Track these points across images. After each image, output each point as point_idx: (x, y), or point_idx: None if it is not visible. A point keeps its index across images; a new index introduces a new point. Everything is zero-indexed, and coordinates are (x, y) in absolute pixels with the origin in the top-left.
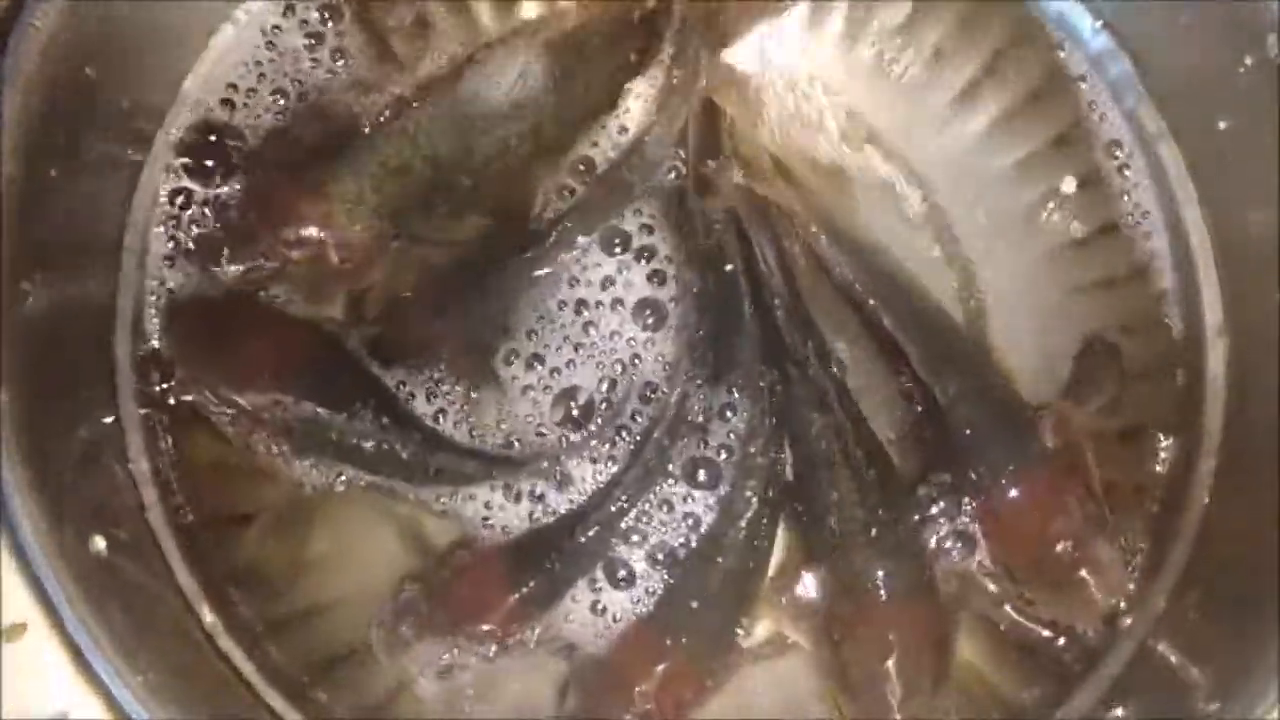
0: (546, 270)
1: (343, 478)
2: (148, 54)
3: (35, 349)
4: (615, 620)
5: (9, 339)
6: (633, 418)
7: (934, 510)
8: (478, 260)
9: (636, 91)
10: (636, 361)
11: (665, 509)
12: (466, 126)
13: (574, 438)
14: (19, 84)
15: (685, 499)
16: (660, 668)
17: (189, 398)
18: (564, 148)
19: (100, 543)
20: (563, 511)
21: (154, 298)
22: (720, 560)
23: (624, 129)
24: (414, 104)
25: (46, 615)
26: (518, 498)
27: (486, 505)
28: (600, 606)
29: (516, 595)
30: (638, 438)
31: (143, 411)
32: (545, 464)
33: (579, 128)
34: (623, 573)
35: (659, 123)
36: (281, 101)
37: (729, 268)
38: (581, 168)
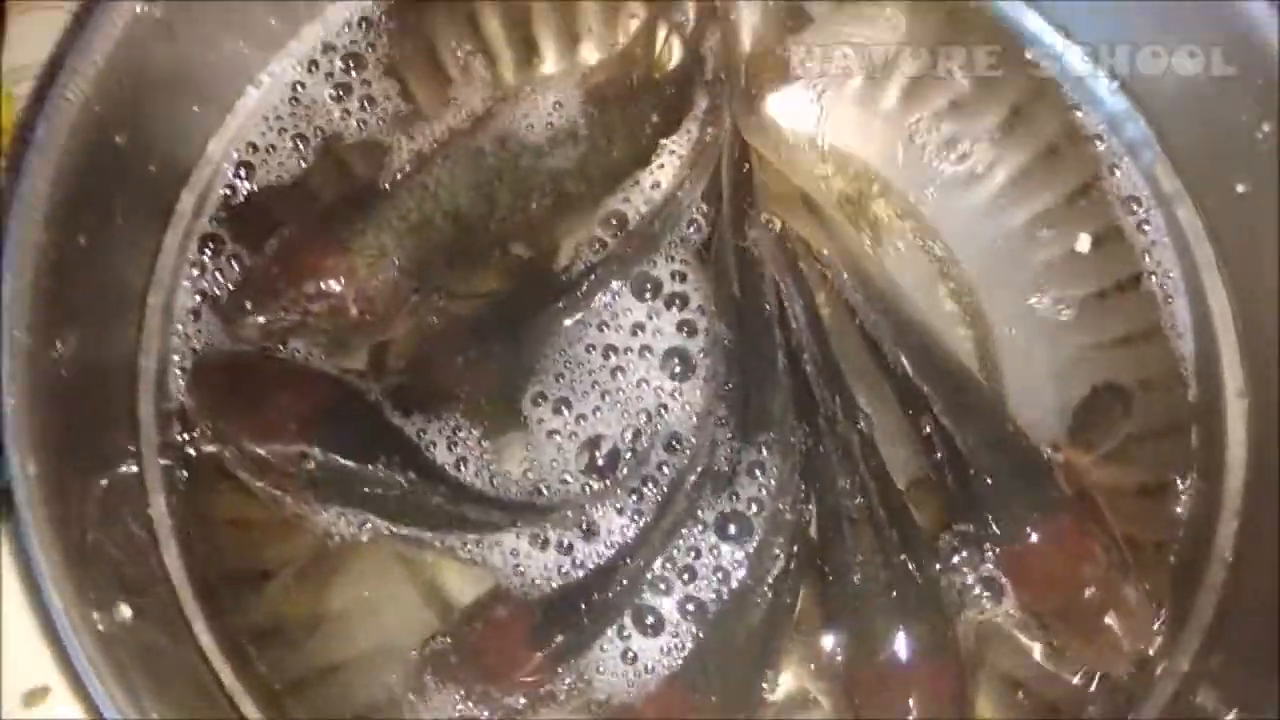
0: (577, 317)
1: (368, 526)
2: (176, 119)
3: (59, 414)
4: (647, 670)
5: (33, 410)
6: (659, 468)
7: (956, 560)
8: (503, 311)
9: (670, 148)
10: (663, 411)
11: (694, 556)
12: (486, 181)
13: (598, 486)
14: (52, 155)
15: (713, 550)
16: None
17: (212, 449)
18: (595, 200)
19: (126, 610)
20: (590, 564)
21: (178, 356)
22: (748, 616)
23: (657, 184)
24: (435, 158)
25: (69, 680)
26: (544, 546)
27: (514, 553)
28: (630, 654)
29: (546, 650)
30: (665, 489)
31: (164, 463)
32: (570, 513)
33: (609, 182)
34: (651, 619)
35: (690, 178)
36: (303, 156)
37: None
38: (613, 222)
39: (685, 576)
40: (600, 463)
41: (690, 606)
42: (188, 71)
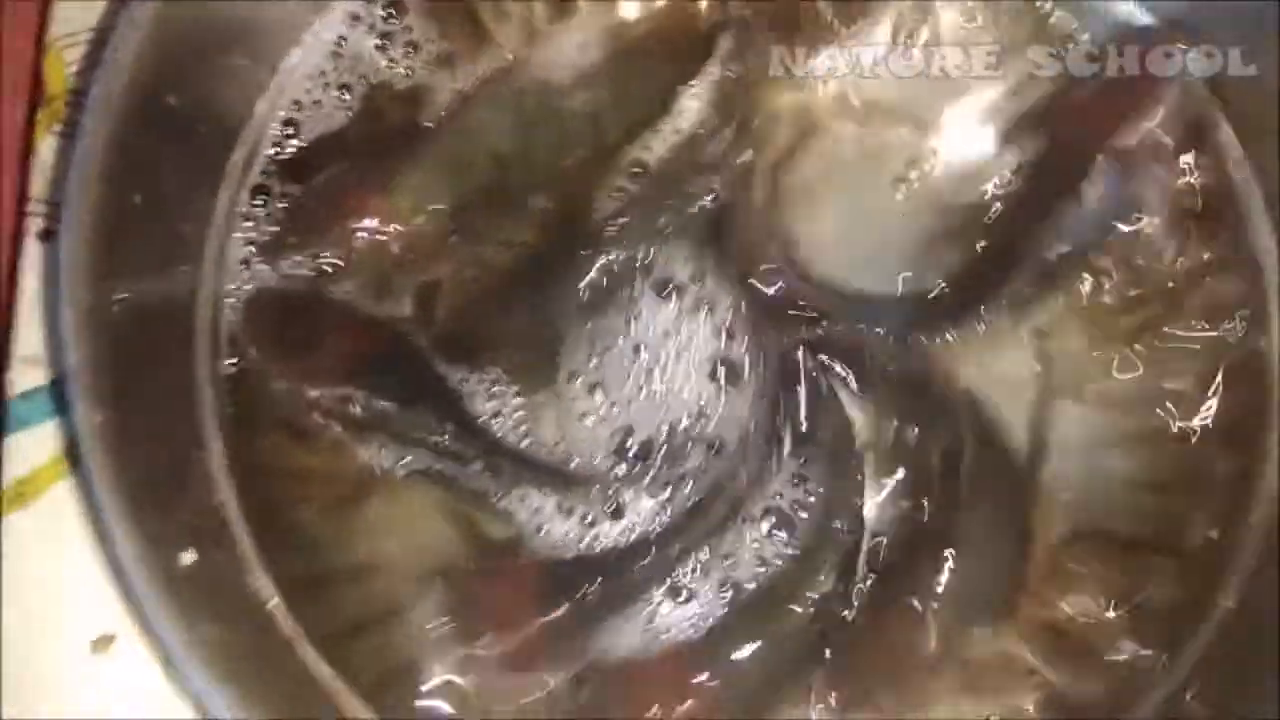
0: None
1: (407, 461)
2: (225, 78)
3: (120, 366)
4: (666, 636)
5: (97, 363)
6: (699, 469)
7: None
8: (540, 259)
9: (693, 91)
10: (704, 416)
11: (737, 544)
12: (527, 123)
13: (629, 471)
14: (105, 116)
15: (756, 543)
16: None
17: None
18: (618, 148)
19: (189, 555)
20: (612, 544)
21: (231, 301)
22: (781, 618)
23: (678, 130)
24: (477, 99)
25: (139, 625)
26: (569, 513)
27: (538, 511)
28: (653, 620)
29: (547, 618)
30: (702, 491)
31: (219, 408)
32: (599, 488)
33: (635, 129)
34: (684, 595)
35: (709, 120)
36: (348, 108)
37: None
38: (635, 170)
39: (728, 561)
40: (632, 451)
41: (728, 586)
42: (235, 32)
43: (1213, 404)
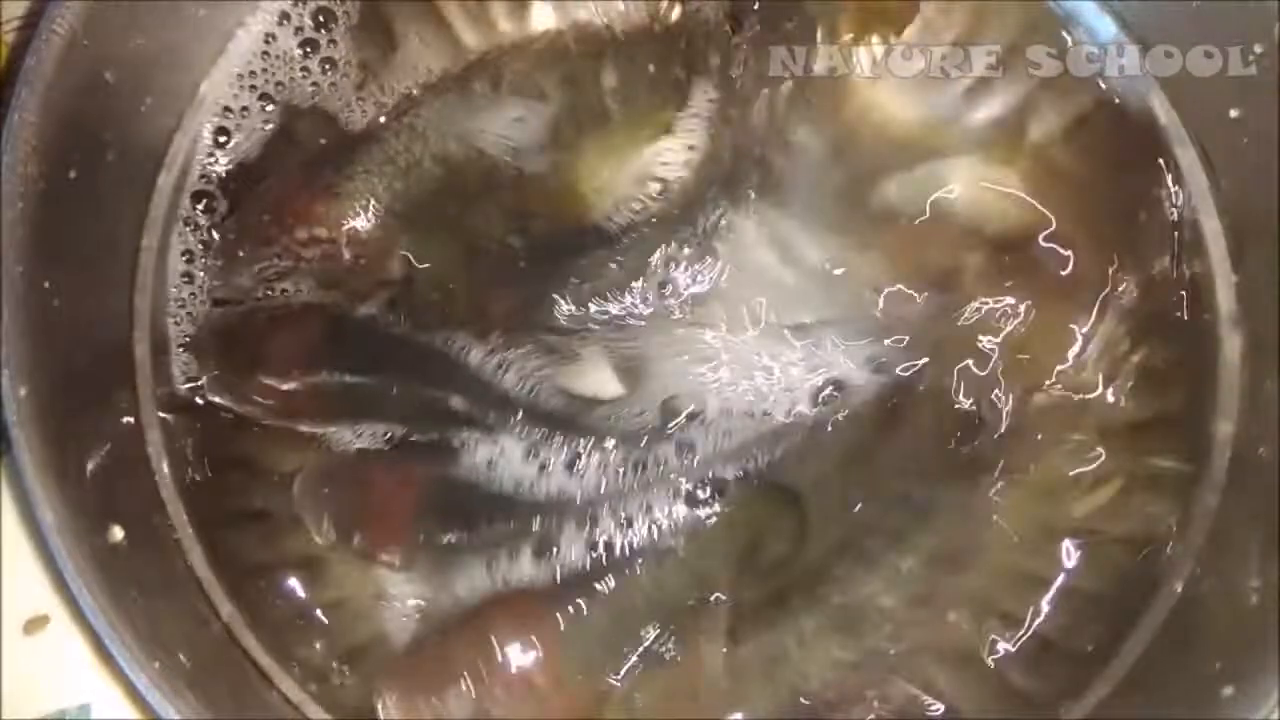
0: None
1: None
2: (167, 58)
3: (53, 345)
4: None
5: (25, 335)
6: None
7: None
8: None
9: (694, 109)
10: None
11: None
12: (473, 126)
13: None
14: (39, 87)
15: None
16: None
17: (220, 399)
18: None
19: (118, 533)
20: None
21: (174, 291)
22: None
23: (692, 146)
24: (424, 100)
25: (67, 606)
26: (529, 458)
27: (502, 453)
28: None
29: (416, 540)
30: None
31: (162, 415)
32: (584, 440)
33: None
34: (553, 550)
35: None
36: (288, 104)
37: None
38: (653, 183)
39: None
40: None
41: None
42: (179, 11)
43: None
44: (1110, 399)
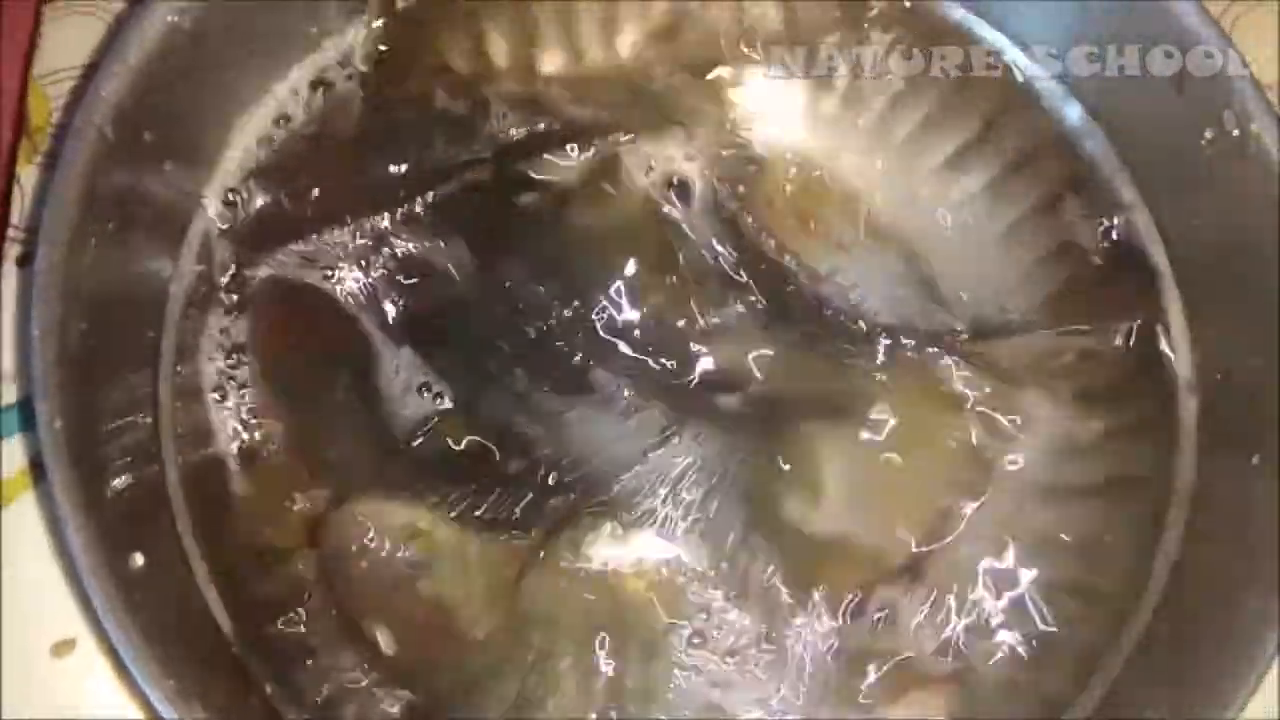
0: None
1: None
2: (201, 118)
3: (84, 384)
4: None
5: (58, 372)
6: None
7: None
8: None
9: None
10: None
11: None
12: None
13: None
14: (85, 147)
15: None
16: None
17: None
18: None
19: (139, 559)
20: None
21: (201, 339)
22: None
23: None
24: None
25: (93, 628)
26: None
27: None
28: None
29: None
30: None
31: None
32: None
33: None
34: None
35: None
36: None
37: None
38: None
39: None
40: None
41: None
42: (214, 76)
43: None
44: None
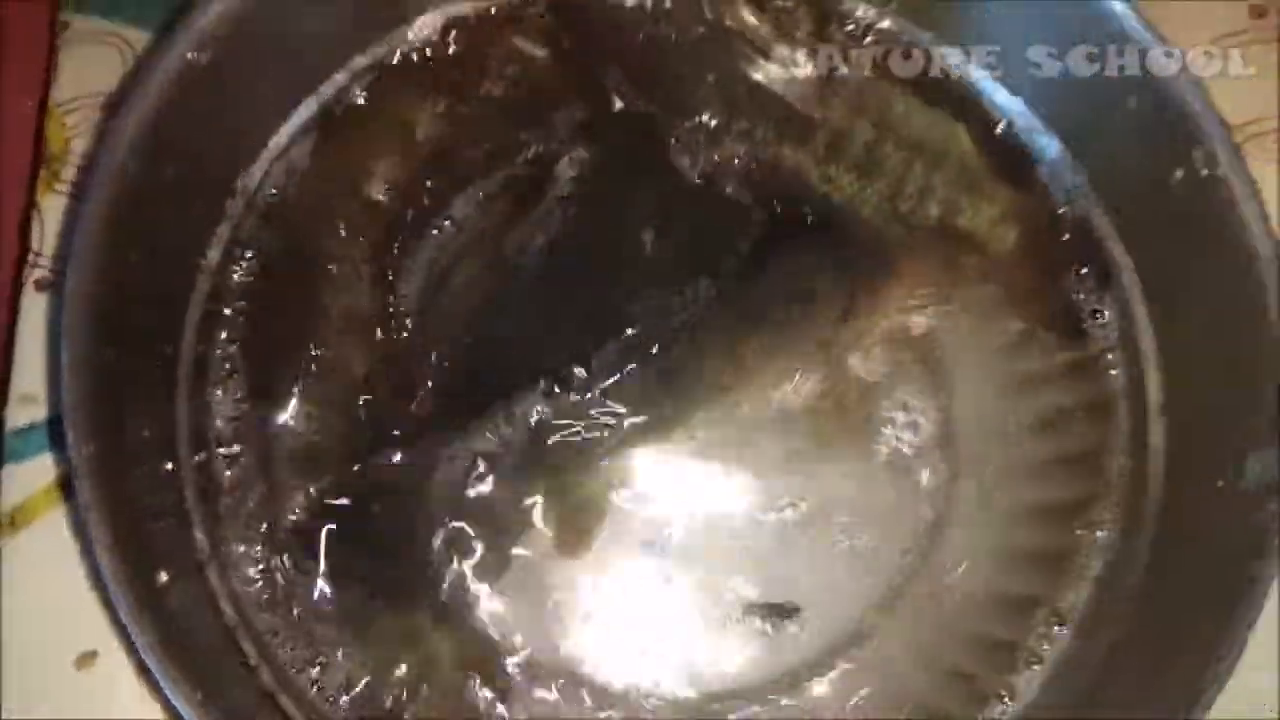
0: None
1: None
2: (219, 151)
3: (112, 410)
4: None
5: (87, 400)
6: None
7: None
8: None
9: None
10: None
11: None
12: None
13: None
14: (109, 179)
15: None
16: None
17: None
18: None
19: (163, 576)
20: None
21: (218, 353)
22: None
23: None
24: None
25: (117, 643)
26: None
27: None
28: None
29: None
30: None
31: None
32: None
33: None
34: None
35: None
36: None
37: None
38: None
39: None
40: None
41: None
42: (230, 110)
43: None
44: None
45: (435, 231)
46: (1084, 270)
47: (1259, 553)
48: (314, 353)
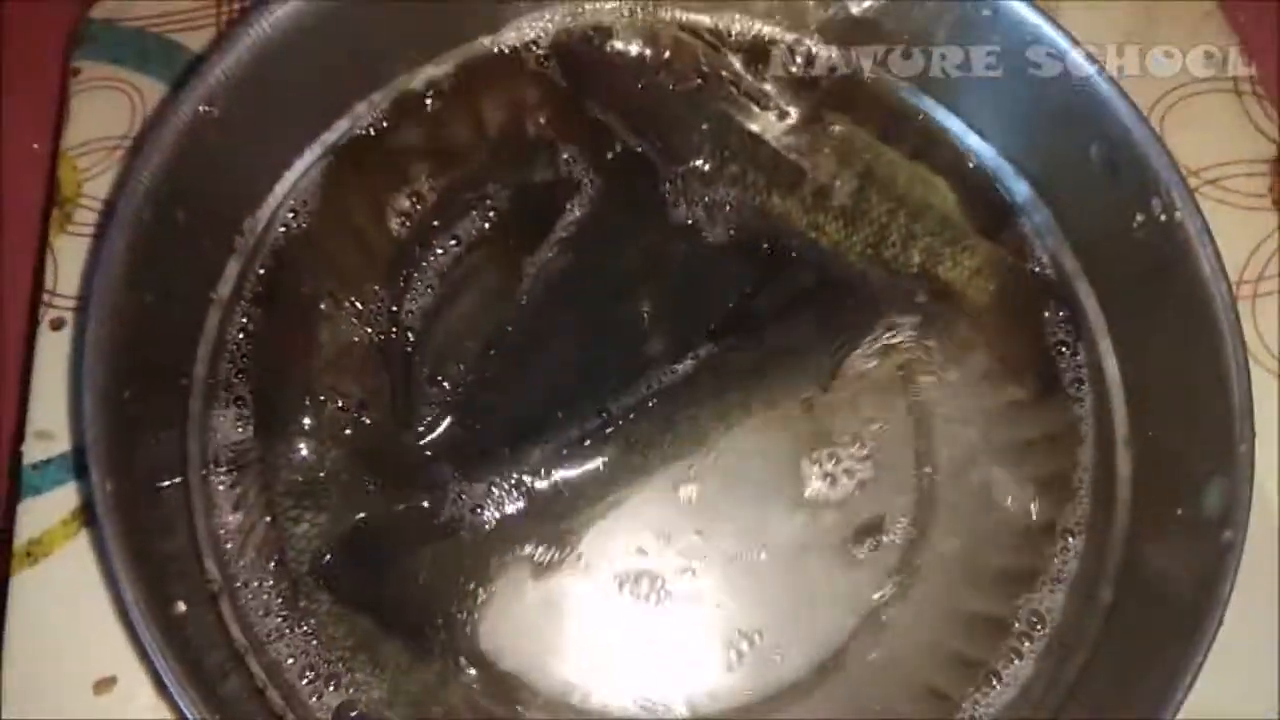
0: None
1: None
2: (227, 197)
3: (132, 447)
4: None
5: (107, 438)
6: None
7: None
8: None
9: None
10: None
11: None
12: None
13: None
14: (126, 227)
15: None
16: None
17: None
18: None
19: (181, 606)
20: None
21: (224, 393)
22: None
23: None
24: None
25: (145, 667)
26: None
27: None
28: None
29: None
30: None
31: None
32: None
33: None
34: None
35: None
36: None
37: None
38: None
39: None
40: None
41: None
42: (239, 156)
43: None
44: None
45: (437, 268)
46: (1057, 311)
47: (1218, 577)
48: (320, 384)
